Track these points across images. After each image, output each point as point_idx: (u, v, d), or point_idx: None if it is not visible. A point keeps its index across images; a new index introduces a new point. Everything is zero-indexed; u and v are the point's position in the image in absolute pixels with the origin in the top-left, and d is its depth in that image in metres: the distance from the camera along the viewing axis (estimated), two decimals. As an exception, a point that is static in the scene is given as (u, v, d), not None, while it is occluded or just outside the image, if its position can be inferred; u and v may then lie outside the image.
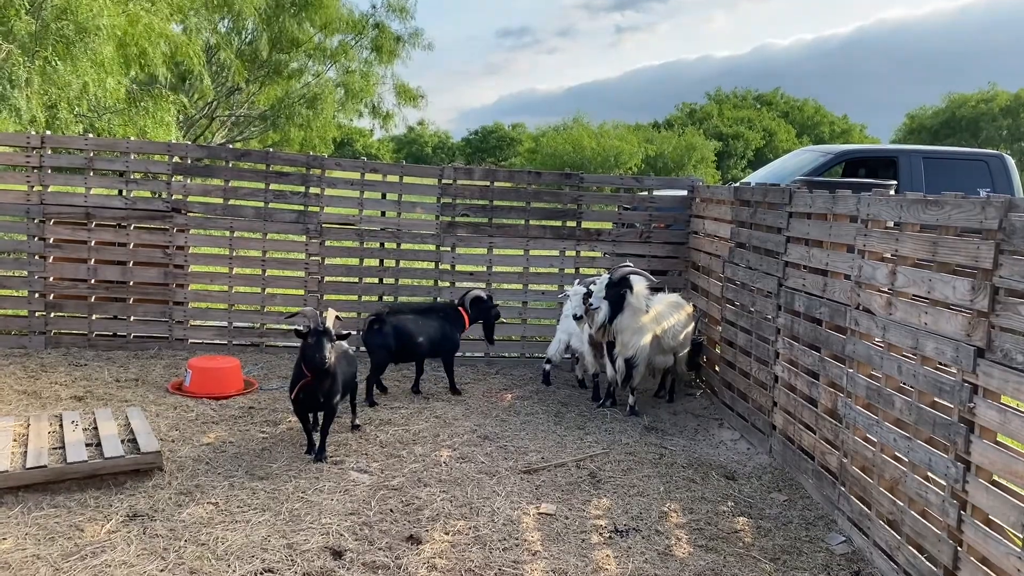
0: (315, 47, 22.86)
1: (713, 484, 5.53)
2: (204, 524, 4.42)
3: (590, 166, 38.89)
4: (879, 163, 10.18)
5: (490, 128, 64.35)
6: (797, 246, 5.74)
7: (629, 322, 6.70)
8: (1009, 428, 3.39)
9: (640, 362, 6.84)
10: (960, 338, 3.73)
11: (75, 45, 11.01)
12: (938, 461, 3.86)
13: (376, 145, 56.54)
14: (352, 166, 8.56)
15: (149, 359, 7.87)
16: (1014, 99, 47.29)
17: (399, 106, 25.56)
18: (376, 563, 4.10)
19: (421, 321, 7.14)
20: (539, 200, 8.71)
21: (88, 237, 8.06)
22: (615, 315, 6.66)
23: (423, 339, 7.06)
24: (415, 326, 7.06)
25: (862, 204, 4.78)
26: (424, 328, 7.10)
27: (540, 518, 4.78)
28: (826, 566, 4.41)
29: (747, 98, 58.60)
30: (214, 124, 23.51)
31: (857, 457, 4.73)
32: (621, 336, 6.77)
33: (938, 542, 3.83)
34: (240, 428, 6.08)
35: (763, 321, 6.29)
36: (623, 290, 6.65)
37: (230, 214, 8.28)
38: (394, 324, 6.95)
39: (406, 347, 6.99)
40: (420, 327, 7.08)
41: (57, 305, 8.14)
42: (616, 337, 6.79)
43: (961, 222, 3.83)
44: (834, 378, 5.06)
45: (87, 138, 8.50)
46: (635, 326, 6.74)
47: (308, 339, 5.39)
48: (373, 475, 5.30)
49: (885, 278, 4.46)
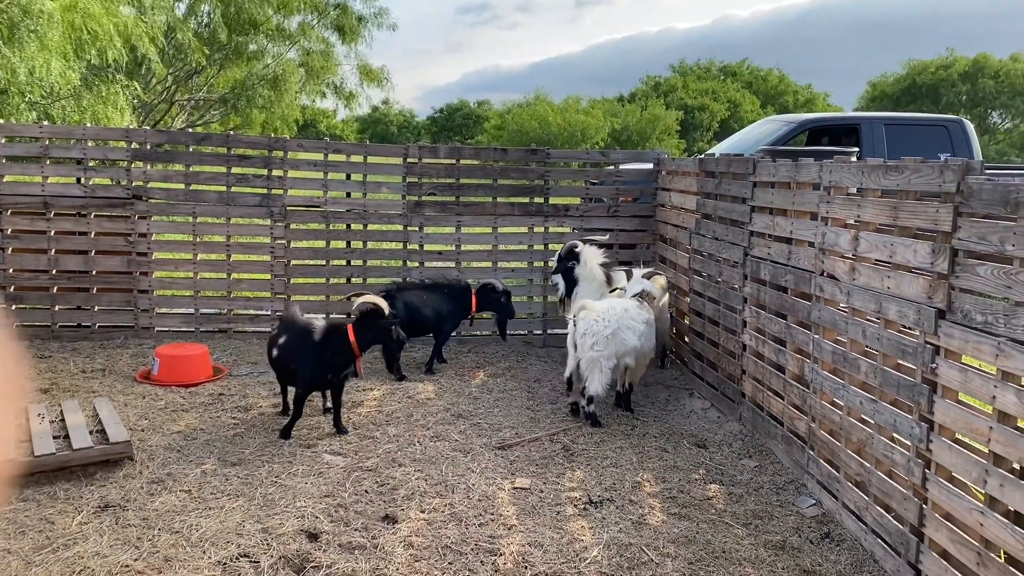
0: (275, 28, 22.49)
1: (685, 453, 5.59)
2: (177, 512, 4.40)
3: (556, 142, 38.81)
4: (842, 131, 10.30)
5: (455, 106, 63.89)
6: (762, 215, 5.78)
7: (586, 294, 6.70)
8: (970, 387, 3.46)
9: None
10: (922, 300, 3.80)
11: (19, 28, 10.72)
12: (903, 422, 3.94)
13: (340, 126, 55.89)
14: (315, 147, 8.46)
15: (115, 348, 7.77)
16: (972, 64, 47.86)
17: (363, 86, 25.30)
18: (352, 544, 4.11)
19: (427, 296, 7.26)
20: (506, 177, 8.69)
21: (47, 227, 7.91)
22: (570, 289, 6.67)
23: (430, 312, 7.20)
24: (422, 301, 7.19)
25: (824, 171, 4.82)
26: (430, 302, 7.22)
27: (515, 493, 4.81)
28: (797, 528, 4.50)
29: (711, 69, 58.73)
30: (174, 108, 23.10)
31: (825, 421, 4.81)
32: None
33: (904, 501, 3.91)
34: (211, 415, 6.04)
35: (730, 291, 6.35)
36: (571, 263, 6.66)
37: (192, 199, 8.16)
38: (404, 300, 7.09)
39: (415, 321, 7.10)
40: (427, 301, 7.21)
41: (18, 297, 7.99)
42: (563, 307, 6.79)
43: (921, 186, 3.88)
44: (801, 344, 5.13)
45: (42, 126, 8.31)
46: (594, 298, 6.73)
47: (389, 321, 5.71)
48: (347, 457, 5.29)
49: (848, 244, 4.51)
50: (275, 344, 5.79)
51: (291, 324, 5.84)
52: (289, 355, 5.69)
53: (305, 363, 5.56)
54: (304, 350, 5.56)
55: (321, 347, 5.55)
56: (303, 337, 5.61)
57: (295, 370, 5.66)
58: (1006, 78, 47.44)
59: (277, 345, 5.76)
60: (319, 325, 5.67)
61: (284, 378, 5.95)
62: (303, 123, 36.56)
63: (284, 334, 5.78)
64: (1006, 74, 47.51)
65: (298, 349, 5.61)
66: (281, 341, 5.75)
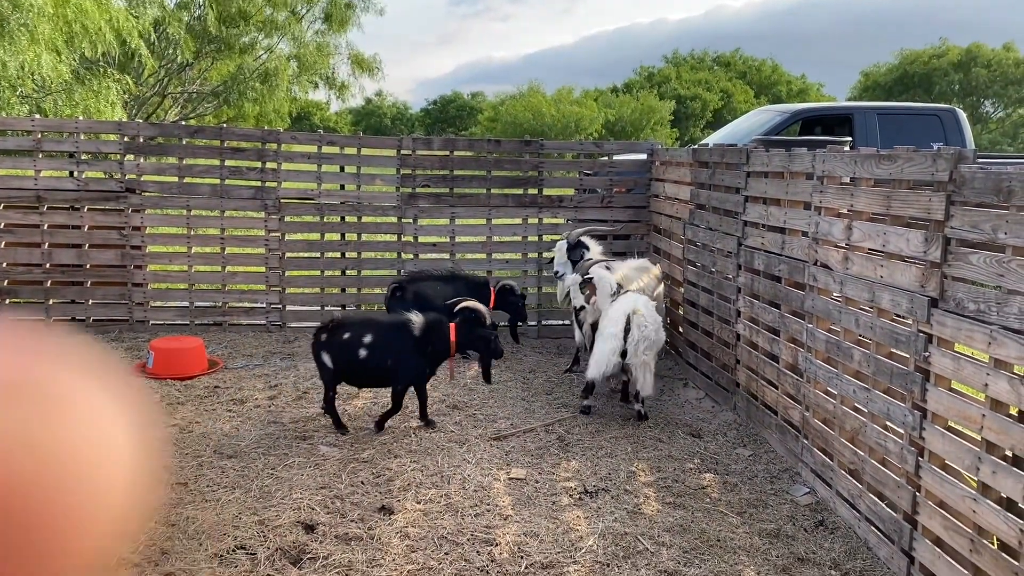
0: (265, 19, 22.38)
1: (680, 442, 5.61)
2: (174, 505, 4.40)
3: (550, 133, 38.76)
4: (835, 120, 10.31)
5: (449, 98, 63.73)
6: (755, 205, 5.79)
7: None
8: (962, 375, 3.48)
9: None
10: (914, 289, 3.81)
11: (8, 22, 10.66)
12: (896, 410, 3.96)
13: (334, 118, 55.72)
14: (308, 139, 8.44)
15: (110, 342, 7.75)
16: (965, 54, 47.90)
17: (355, 76, 25.20)
18: (349, 535, 4.12)
19: (440, 287, 7.17)
20: (500, 168, 8.68)
21: (40, 220, 7.89)
22: None
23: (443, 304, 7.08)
24: (435, 292, 7.09)
25: (817, 161, 4.83)
26: (443, 294, 7.07)
27: (510, 483, 4.83)
28: (791, 517, 4.52)
29: (705, 60, 58.68)
30: (166, 101, 23.00)
31: (818, 410, 4.83)
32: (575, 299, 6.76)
33: (897, 488, 3.94)
34: (206, 408, 6.04)
35: (724, 281, 6.36)
36: (581, 252, 6.67)
37: (186, 193, 8.14)
38: (415, 291, 7.06)
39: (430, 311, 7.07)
40: (439, 293, 7.07)
41: (12, 291, 7.97)
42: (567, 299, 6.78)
43: (913, 175, 3.89)
44: (794, 334, 5.15)
45: (34, 119, 8.27)
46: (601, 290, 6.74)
47: (490, 331, 5.76)
48: (343, 449, 5.30)
49: (841, 233, 4.52)
50: (358, 346, 5.49)
51: (371, 322, 5.73)
52: (385, 352, 5.52)
53: (407, 357, 5.52)
54: (404, 345, 5.52)
55: (423, 341, 5.54)
56: (400, 332, 5.56)
57: (392, 367, 5.53)
58: (998, 67, 47.49)
59: (364, 346, 5.49)
60: (417, 320, 5.59)
61: (365, 379, 5.74)
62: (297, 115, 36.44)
63: (367, 334, 5.54)
64: (998, 63, 47.55)
65: (396, 345, 5.53)
66: (368, 341, 5.51)
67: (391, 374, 5.58)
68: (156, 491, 0.76)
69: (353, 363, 5.54)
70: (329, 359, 5.54)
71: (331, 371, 5.57)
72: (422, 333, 5.54)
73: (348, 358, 5.54)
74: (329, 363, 5.54)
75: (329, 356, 5.54)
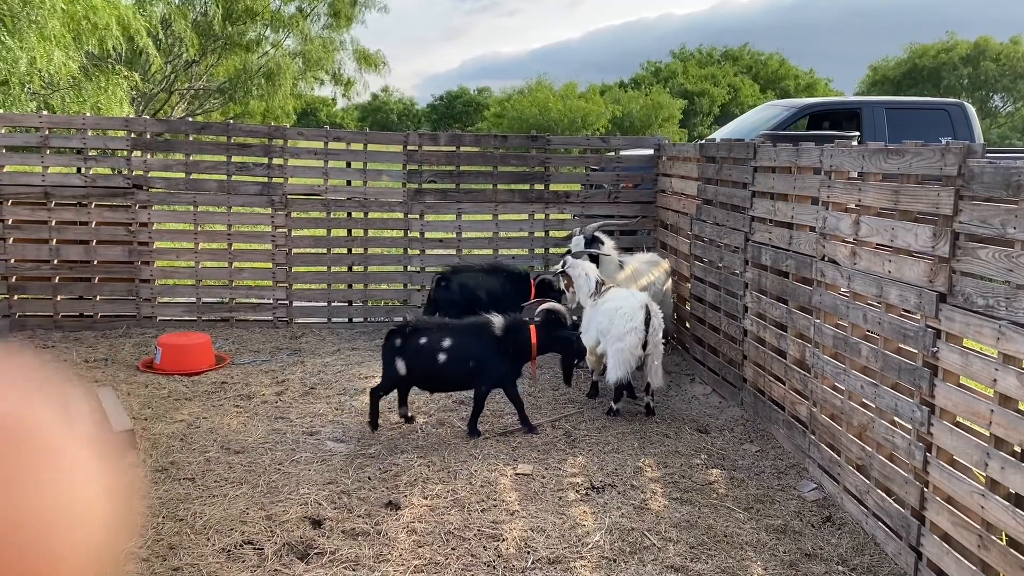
0: (271, 15, 22.40)
1: (686, 438, 5.61)
2: (181, 500, 4.42)
3: (557, 128, 38.67)
4: (842, 115, 10.27)
5: (455, 93, 63.66)
6: (763, 200, 5.77)
7: (606, 276, 6.67)
8: (971, 370, 3.47)
9: None
10: (923, 284, 3.80)
11: (19, 19, 10.69)
12: (904, 406, 3.95)
13: (340, 114, 55.74)
14: (315, 135, 8.44)
15: (118, 338, 7.78)
16: (973, 48, 47.64)
17: (360, 72, 25.23)
18: (356, 530, 4.13)
19: (483, 279, 7.28)
20: (506, 164, 8.67)
21: (48, 217, 7.91)
22: None
23: (485, 295, 7.15)
24: (477, 283, 7.19)
25: (825, 156, 4.81)
26: (486, 285, 7.20)
27: (517, 478, 4.83)
28: (798, 513, 4.51)
29: (712, 55, 58.48)
30: (173, 98, 23.06)
31: (826, 406, 4.81)
32: None
33: (905, 484, 3.92)
34: (214, 403, 6.05)
35: (731, 276, 6.34)
36: (597, 247, 6.64)
37: (193, 189, 8.15)
38: (459, 282, 7.14)
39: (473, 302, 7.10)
40: (482, 284, 7.20)
41: (20, 287, 8.00)
42: None
43: (922, 170, 3.87)
44: (802, 329, 5.13)
45: (41, 115, 8.29)
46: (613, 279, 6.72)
47: (571, 332, 5.77)
48: (350, 444, 5.31)
49: (849, 228, 4.51)
50: (436, 351, 5.41)
51: (448, 326, 5.63)
52: (466, 355, 5.46)
53: (489, 359, 5.48)
54: (486, 346, 5.48)
55: (504, 342, 5.51)
56: (480, 334, 5.52)
57: (474, 368, 5.47)
58: (1007, 61, 47.21)
59: (443, 350, 5.41)
60: (498, 321, 5.55)
61: (445, 383, 5.66)
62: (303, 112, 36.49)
63: (445, 338, 5.45)
64: (1007, 57, 47.28)
65: (477, 347, 5.48)
66: (447, 344, 5.42)
67: (473, 376, 5.51)
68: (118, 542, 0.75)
69: (431, 368, 5.43)
70: (403, 365, 5.43)
71: (402, 377, 5.46)
72: (503, 334, 5.51)
73: (425, 363, 5.43)
74: (403, 369, 5.43)
75: (404, 362, 5.43)
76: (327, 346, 7.70)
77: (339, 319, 8.48)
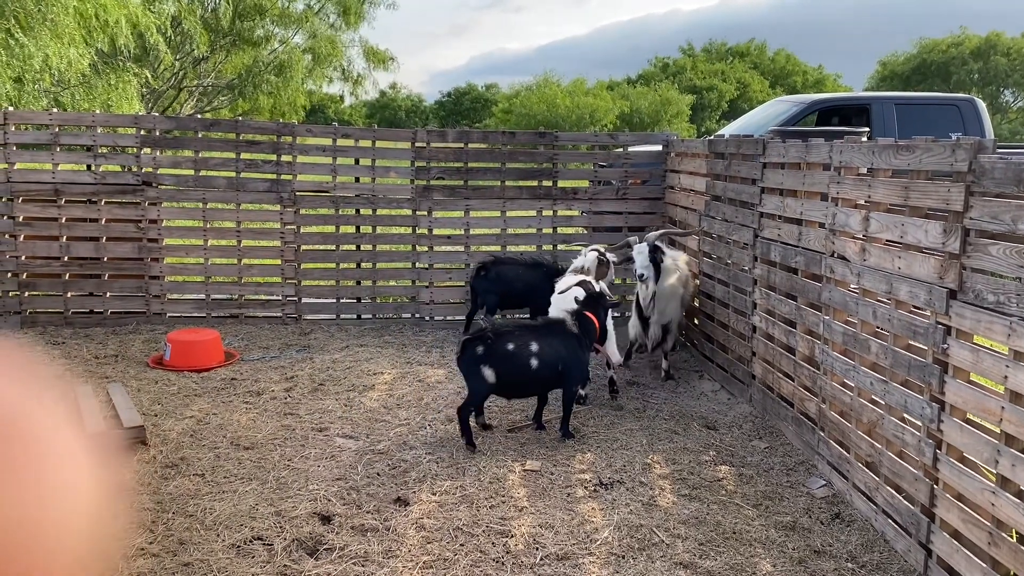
0: (280, 12, 22.43)
1: (695, 435, 5.60)
2: (191, 496, 4.44)
3: (565, 124, 38.63)
4: (852, 111, 10.22)
5: (463, 90, 63.59)
6: (772, 196, 5.76)
7: (663, 287, 6.56)
8: (981, 367, 3.45)
9: (675, 326, 6.85)
10: (933, 281, 3.78)
11: (34, 16, 10.74)
12: (914, 403, 3.93)
13: (349, 111, 55.76)
14: (323, 132, 8.45)
15: (128, 335, 7.81)
16: (984, 42, 47.32)
17: (369, 69, 25.24)
18: (365, 526, 4.14)
19: (522, 271, 7.46)
20: (514, 160, 8.66)
21: (58, 214, 7.95)
22: (657, 278, 6.51)
23: (522, 287, 7.31)
24: (515, 275, 7.37)
25: (835, 152, 4.79)
26: (524, 278, 7.36)
27: (525, 475, 4.83)
28: (807, 509, 4.50)
29: (721, 49, 58.28)
30: (182, 95, 23.13)
31: (835, 402, 4.80)
32: (657, 303, 6.55)
33: (915, 481, 3.91)
34: (223, 399, 6.08)
35: (740, 272, 6.33)
36: (659, 255, 6.49)
37: (202, 185, 8.17)
38: (497, 272, 7.36)
39: (509, 293, 7.34)
40: (520, 276, 7.39)
41: (31, 284, 8.05)
42: (652, 303, 6.53)
43: (932, 166, 3.86)
44: (811, 326, 5.12)
45: (52, 113, 8.33)
46: (669, 291, 6.65)
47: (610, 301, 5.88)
48: (359, 440, 5.32)
49: (859, 224, 4.49)
50: (528, 355, 5.25)
51: (529, 328, 5.50)
52: (556, 356, 5.33)
53: (576, 357, 5.43)
54: (570, 344, 5.40)
55: (581, 337, 5.47)
56: (563, 332, 5.44)
57: (563, 370, 5.35)
58: (1018, 56, 46.89)
59: (535, 355, 5.24)
60: (569, 318, 5.49)
61: (533, 388, 5.50)
62: (311, 109, 36.52)
63: (532, 341, 5.30)
64: (1018, 52, 46.95)
65: (564, 346, 5.38)
66: (536, 349, 5.25)
67: (562, 378, 5.39)
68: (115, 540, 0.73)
69: (524, 374, 5.28)
70: (492, 373, 5.19)
71: (491, 385, 5.23)
72: (579, 328, 5.46)
73: (517, 369, 5.25)
74: (492, 377, 5.19)
75: (492, 370, 5.19)
76: (336, 342, 7.72)
77: (348, 315, 8.50)
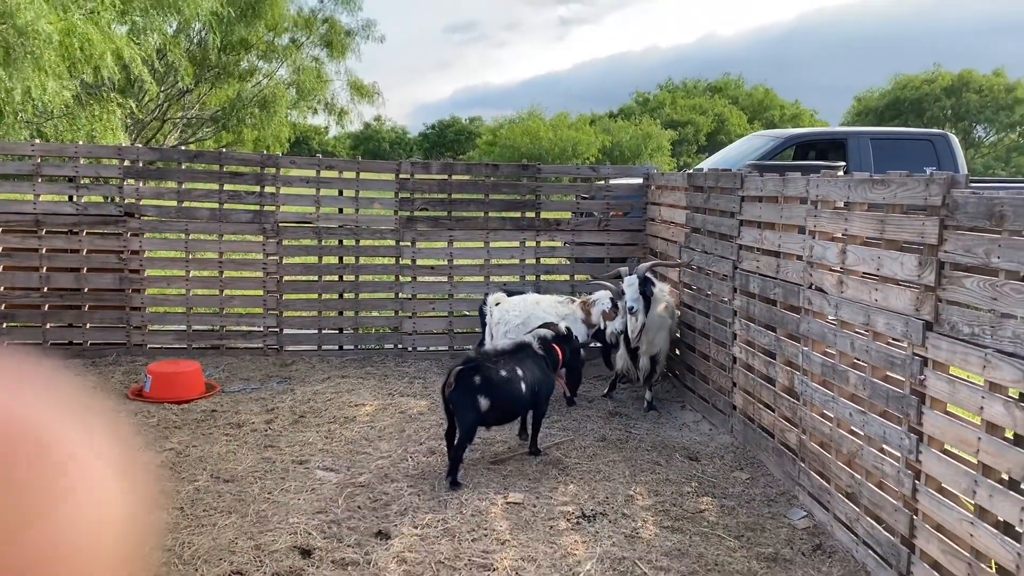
0: (265, 46, 22.56)
1: (677, 466, 5.61)
2: (169, 530, 4.38)
3: (548, 157, 38.91)
4: (828, 145, 10.40)
5: (447, 122, 64.03)
6: (750, 229, 5.83)
7: (652, 317, 6.61)
8: (958, 398, 3.50)
9: (663, 357, 6.90)
10: (909, 313, 3.84)
11: (15, 50, 10.75)
12: (892, 433, 3.97)
13: (333, 143, 55.92)
14: (307, 163, 8.50)
15: (107, 366, 7.75)
16: (957, 79, 48.27)
17: (354, 102, 25.35)
18: (345, 560, 4.11)
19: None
20: (498, 192, 8.73)
21: (39, 244, 7.91)
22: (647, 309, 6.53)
23: None
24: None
25: (811, 185, 4.87)
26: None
27: (508, 507, 4.82)
28: (789, 540, 4.51)
29: (698, 87, 59.05)
30: (166, 126, 23.11)
31: (815, 433, 4.83)
32: (647, 334, 6.59)
33: (895, 512, 3.94)
34: (203, 431, 6.03)
35: (720, 304, 6.38)
36: (649, 287, 6.52)
37: (185, 216, 8.17)
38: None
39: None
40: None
41: (9, 315, 7.98)
42: (641, 335, 6.56)
43: (907, 200, 3.93)
44: (790, 357, 5.16)
45: (34, 144, 8.32)
46: (658, 322, 6.69)
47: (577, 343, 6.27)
48: (340, 473, 5.29)
49: (836, 257, 4.56)
50: (517, 380, 5.30)
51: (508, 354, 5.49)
52: (534, 380, 5.43)
53: (546, 378, 5.60)
54: (542, 367, 5.57)
55: (546, 359, 5.66)
56: (534, 358, 5.55)
57: (539, 393, 5.45)
58: (990, 93, 47.85)
59: (523, 380, 5.32)
60: (530, 340, 5.70)
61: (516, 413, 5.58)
62: (295, 140, 36.58)
63: (516, 367, 5.35)
64: (989, 89, 47.92)
65: (540, 370, 5.50)
66: (521, 372, 5.34)
67: (536, 399, 5.51)
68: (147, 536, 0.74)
69: (513, 399, 5.31)
70: (487, 401, 5.13)
71: (482, 415, 5.16)
72: (544, 351, 5.66)
73: (507, 395, 5.27)
74: (485, 406, 5.12)
75: (487, 398, 5.14)
76: (317, 374, 7.69)
77: (329, 346, 8.47)
